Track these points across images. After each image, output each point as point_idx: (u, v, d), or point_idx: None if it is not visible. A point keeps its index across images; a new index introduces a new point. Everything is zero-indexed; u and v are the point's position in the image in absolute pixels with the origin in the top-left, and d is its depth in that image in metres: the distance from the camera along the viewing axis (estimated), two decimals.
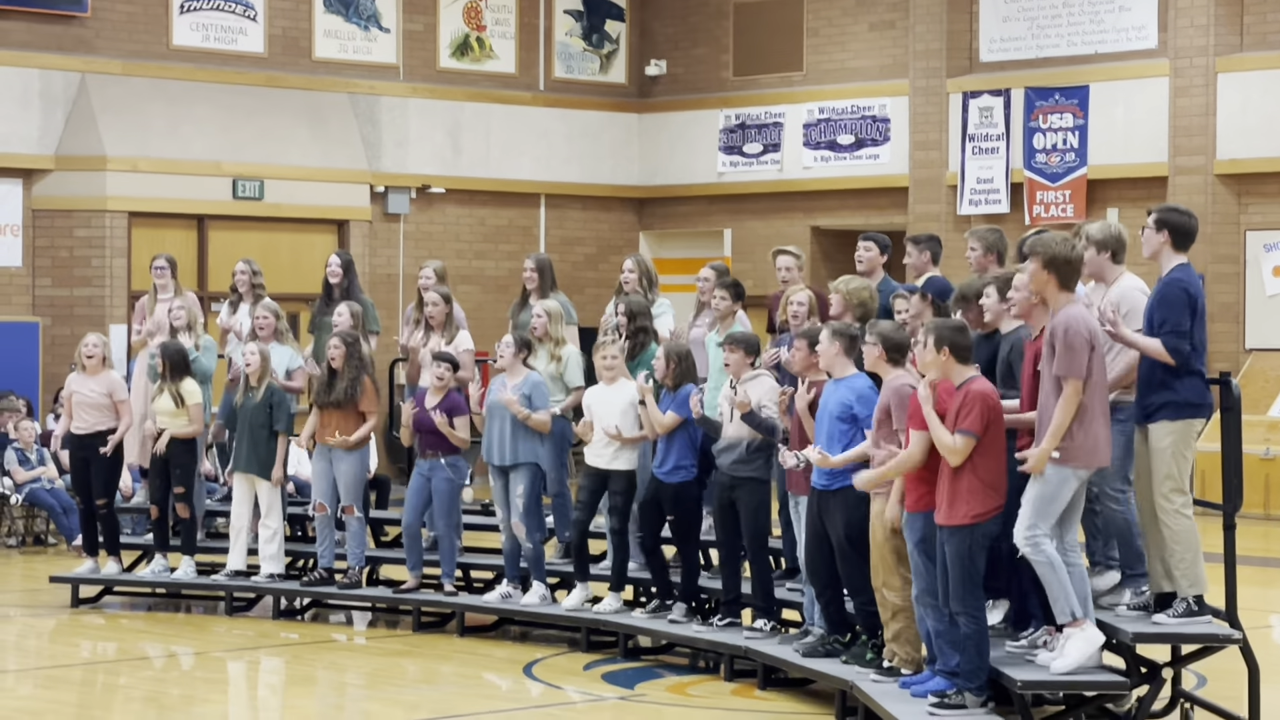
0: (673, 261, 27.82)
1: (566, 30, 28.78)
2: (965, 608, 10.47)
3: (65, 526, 20.07)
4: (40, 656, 14.87)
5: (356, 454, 15.52)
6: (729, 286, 14.19)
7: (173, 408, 16.03)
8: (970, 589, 10.46)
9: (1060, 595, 10.19)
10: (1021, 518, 10.23)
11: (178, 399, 16.00)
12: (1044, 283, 10.34)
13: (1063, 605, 10.21)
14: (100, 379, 16.42)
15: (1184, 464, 10.49)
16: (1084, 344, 10.10)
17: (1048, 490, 10.17)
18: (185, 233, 25.02)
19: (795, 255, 14.48)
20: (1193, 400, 10.47)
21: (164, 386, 16.05)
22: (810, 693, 12.36)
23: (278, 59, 26.17)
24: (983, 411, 10.37)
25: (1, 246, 24.12)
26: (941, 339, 10.58)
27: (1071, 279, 10.36)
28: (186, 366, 16.12)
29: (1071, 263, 10.35)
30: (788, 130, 27.72)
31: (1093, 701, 10.79)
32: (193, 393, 16.05)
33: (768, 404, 12.73)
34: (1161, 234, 10.62)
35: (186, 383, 16.06)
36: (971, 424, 10.35)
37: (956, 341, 10.59)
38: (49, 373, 23.91)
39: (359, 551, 15.63)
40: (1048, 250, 10.33)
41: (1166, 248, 10.63)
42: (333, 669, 14.20)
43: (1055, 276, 10.30)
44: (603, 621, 14.10)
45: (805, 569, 12.19)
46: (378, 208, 26.80)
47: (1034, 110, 25.41)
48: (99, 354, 16.42)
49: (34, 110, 24.22)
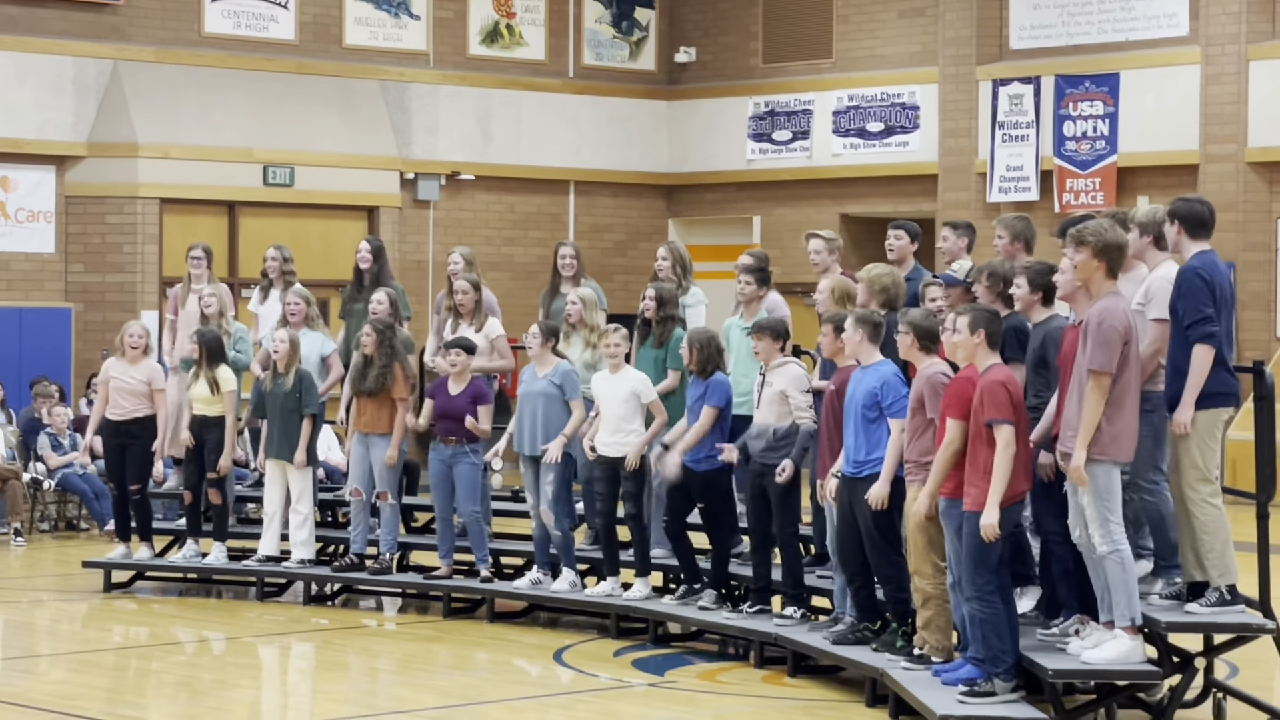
0: (702, 248, 27.81)
1: (596, 17, 28.79)
2: (978, 592, 10.49)
3: (97, 511, 20.15)
4: (73, 641, 14.93)
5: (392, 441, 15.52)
6: (753, 272, 14.17)
7: (208, 394, 16.07)
8: (983, 574, 10.48)
9: (1124, 599, 10.17)
10: (1091, 521, 10.16)
11: (213, 385, 16.04)
12: (1092, 270, 10.32)
13: (1123, 610, 10.19)
14: (141, 367, 16.48)
15: (1210, 454, 10.45)
16: (1118, 337, 10.10)
17: (1099, 487, 10.15)
18: (216, 219, 25.10)
19: (826, 239, 14.27)
20: (1219, 390, 10.42)
21: (200, 373, 16.09)
22: (840, 680, 12.37)
23: (309, 46, 26.23)
24: (1009, 397, 10.40)
25: (34, 233, 24.23)
26: (976, 322, 10.62)
27: (1118, 267, 10.35)
28: (223, 353, 16.18)
29: (1122, 249, 10.35)
30: (817, 117, 27.71)
31: (1124, 691, 10.77)
32: (228, 379, 16.10)
33: (794, 393, 12.73)
34: (1173, 226, 10.60)
35: (222, 369, 16.11)
36: (1003, 412, 10.37)
37: (991, 327, 10.63)
38: (81, 358, 24.01)
39: (391, 538, 15.67)
40: (1100, 238, 10.27)
41: (1183, 238, 10.60)
42: (364, 654, 14.24)
43: (1105, 264, 10.29)
44: (632, 608, 14.12)
45: (836, 555, 12.20)
46: (408, 194, 26.85)
47: (1064, 98, 25.37)
48: (143, 343, 16.48)
49: (67, 97, 24.31)
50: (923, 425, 11.07)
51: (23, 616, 15.97)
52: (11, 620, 15.78)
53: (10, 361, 23.40)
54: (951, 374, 11.00)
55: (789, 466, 12.68)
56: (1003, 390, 10.42)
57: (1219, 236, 10.82)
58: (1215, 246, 10.72)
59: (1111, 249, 10.27)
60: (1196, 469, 10.41)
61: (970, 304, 11.16)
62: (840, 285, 13.01)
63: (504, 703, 12.27)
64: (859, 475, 11.74)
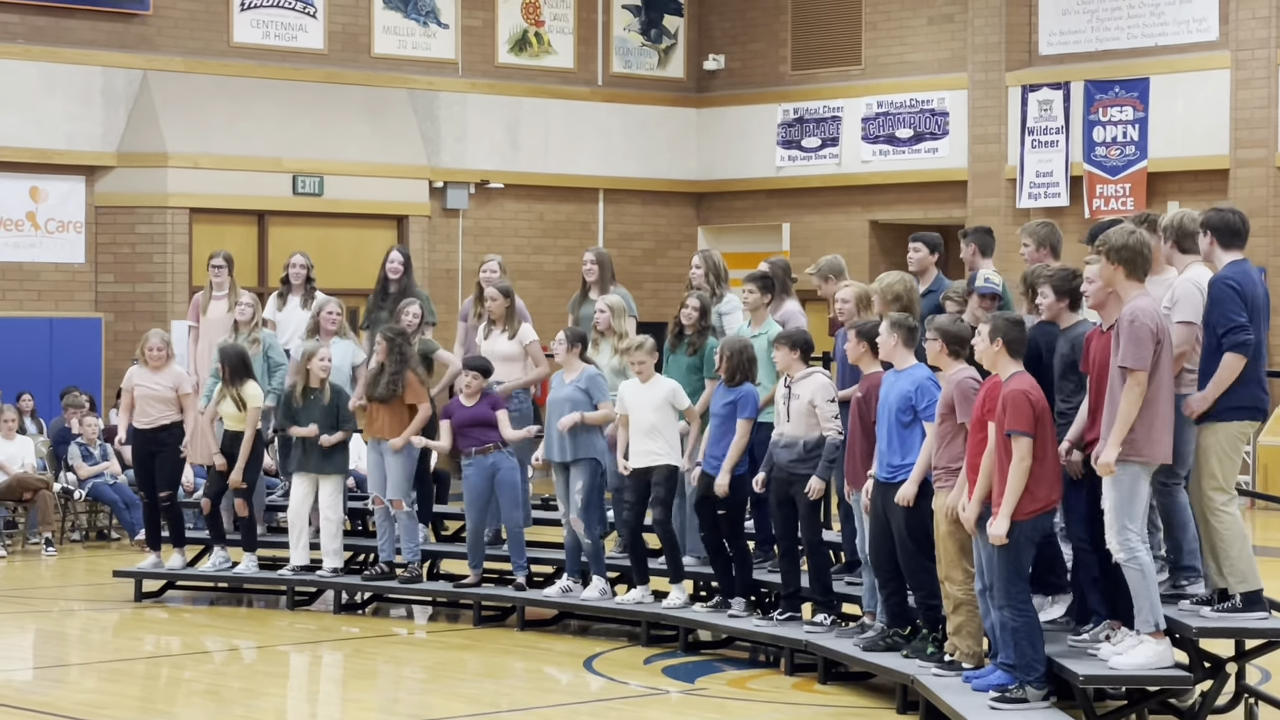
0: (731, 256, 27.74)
1: (625, 25, 28.81)
2: (1010, 600, 10.48)
3: (128, 521, 20.20)
4: (104, 650, 14.96)
5: (405, 448, 15.51)
6: (755, 280, 14.11)
7: (235, 411, 16.06)
8: (1015, 582, 10.47)
9: (1146, 604, 10.16)
10: (1109, 525, 10.19)
11: (239, 402, 16.03)
12: (1111, 274, 10.34)
13: (1147, 615, 10.18)
14: (165, 373, 16.50)
15: (1230, 465, 10.43)
16: (1150, 335, 10.08)
17: (1124, 491, 10.15)
18: (246, 229, 25.16)
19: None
20: (1247, 404, 10.39)
21: (225, 391, 16.07)
22: (871, 686, 12.35)
23: (337, 55, 26.28)
24: (1029, 409, 10.39)
25: (65, 243, 24.31)
26: (996, 330, 10.65)
27: (1138, 268, 10.33)
28: (248, 369, 16.13)
29: (1135, 250, 10.33)
30: (846, 124, 27.69)
31: (1156, 696, 10.74)
32: (254, 396, 16.08)
33: (821, 403, 12.71)
34: (1206, 236, 10.57)
35: (248, 386, 16.07)
36: (1023, 424, 10.36)
37: (1011, 335, 10.63)
38: (111, 368, 24.06)
39: (412, 545, 15.64)
40: (1108, 243, 10.36)
41: (1215, 249, 10.58)
42: (393, 663, 14.24)
43: (1122, 267, 10.29)
44: (663, 615, 14.11)
45: (870, 561, 12.18)
46: (436, 203, 26.89)
47: (1094, 103, 25.32)
48: (163, 354, 16.50)
49: (96, 108, 24.40)
50: (952, 431, 11.06)
51: (54, 626, 16.02)
52: (43, 630, 15.83)
53: (41, 372, 23.48)
54: (980, 379, 10.99)
55: (816, 485, 12.68)
56: (1025, 400, 10.42)
57: (1249, 242, 10.77)
58: (1245, 253, 10.67)
59: (1126, 252, 10.28)
60: (1214, 479, 10.39)
61: (995, 312, 11.20)
62: (862, 293, 13.00)
63: (535, 710, 12.28)
64: (893, 480, 11.72)
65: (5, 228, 23.95)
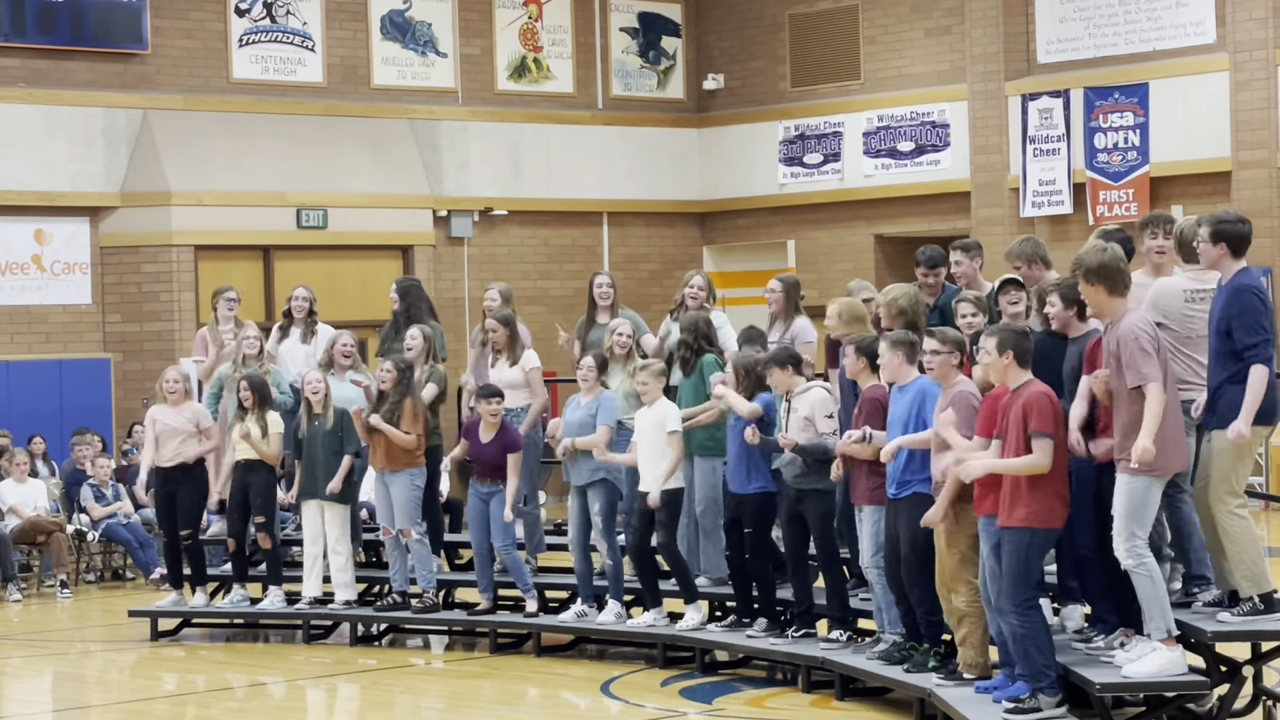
0: (737, 274, 27.84)
1: (623, 48, 28.84)
2: (1016, 608, 10.48)
3: (142, 561, 20.21)
4: (123, 690, 14.96)
5: (405, 475, 15.50)
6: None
7: (256, 437, 16.07)
8: (1022, 590, 10.47)
9: (1156, 611, 10.16)
10: (1118, 532, 10.19)
11: (263, 429, 16.05)
12: (1093, 294, 10.42)
13: (1158, 622, 10.18)
14: (184, 409, 16.54)
15: (1242, 469, 10.44)
16: (1151, 346, 10.13)
17: (1134, 500, 10.16)
18: (251, 264, 25.18)
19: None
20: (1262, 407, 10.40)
21: (249, 418, 16.09)
22: (889, 701, 12.34)
23: (337, 88, 26.32)
24: (1052, 411, 10.40)
25: (71, 285, 24.35)
26: (1005, 343, 10.63)
27: (1119, 283, 10.36)
28: (269, 397, 16.19)
29: (1111, 267, 10.37)
30: (847, 139, 27.69)
31: (1173, 702, 10.73)
32: (275, 422, 16.13)
33: (818, 416, 12.70)
34: (1219, 246, 10.56)
35: (271, 413, 16.13)
36: (1044, 425, 10.36)
37: (1020, 346, 10.62)
38: (122, 408, 24.10)
39: (427, 574, 15.65)
40: (1082, 265, 10.44)
41: (1226, 258, 10.58)
42: (411, 693, 14.24)
43: (1102, 285, 10.35)
44: (679, 637, 14.10)
45: (884, 575, 12.16)
46: (441, 232, 26.91)
47: (1094, 110, 25.32)
48: (180, 388, 16.54)
49: (98, 149, 24.44)
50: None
51: (72, 668, 16.03)
52: (61, 672, 15.83)
53: (51, 413, 23.51)
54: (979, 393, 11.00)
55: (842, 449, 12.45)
56: (1048, 403, 10.44)
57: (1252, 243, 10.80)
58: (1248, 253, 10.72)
59: (1104, 271, 10.33)
60: (1227, 482, 10.41)
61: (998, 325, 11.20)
62: (848, 308, 13.01)
63: None
64: (899, 496, 11.72)
65: (12, 271, 23.99)
